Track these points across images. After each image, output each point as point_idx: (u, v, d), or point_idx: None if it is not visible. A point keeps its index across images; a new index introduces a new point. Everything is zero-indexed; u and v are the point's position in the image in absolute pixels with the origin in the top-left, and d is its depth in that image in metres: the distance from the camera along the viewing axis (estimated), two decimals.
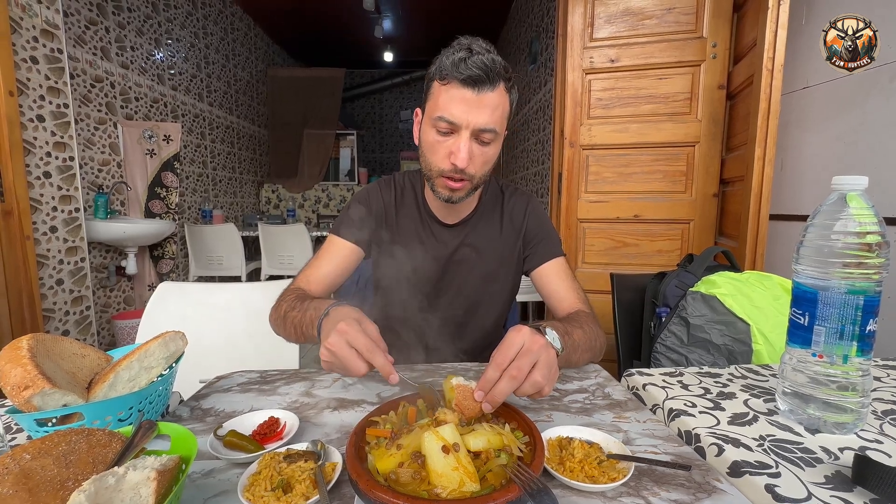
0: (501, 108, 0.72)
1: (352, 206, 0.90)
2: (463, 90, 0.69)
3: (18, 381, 0.44)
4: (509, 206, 0.91)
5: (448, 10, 4.40)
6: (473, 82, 0.69)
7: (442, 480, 0.37)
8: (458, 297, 0.91)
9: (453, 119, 0.70)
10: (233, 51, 4.22)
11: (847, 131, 1.32)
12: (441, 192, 0.78)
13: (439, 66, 0.72)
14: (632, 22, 1.72)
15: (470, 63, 0.68)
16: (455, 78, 0.69)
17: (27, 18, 1.84)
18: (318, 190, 5.09)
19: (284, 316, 0.73)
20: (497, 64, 0.69)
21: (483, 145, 0.73)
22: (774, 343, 0.86)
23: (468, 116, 0.70)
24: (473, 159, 0.73)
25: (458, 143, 0.71)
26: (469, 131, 0.71)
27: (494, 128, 0.72)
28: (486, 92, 0.69)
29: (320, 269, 0.85)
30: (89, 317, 2.20)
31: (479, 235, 0.89)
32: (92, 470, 0.34)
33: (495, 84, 0.70)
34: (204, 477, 0.46)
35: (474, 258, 0.89)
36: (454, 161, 0.72)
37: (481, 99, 0.69)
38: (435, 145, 0.75)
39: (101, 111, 2.55)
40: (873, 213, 0.48)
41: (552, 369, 0.51)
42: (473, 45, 0.70)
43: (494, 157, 0.77)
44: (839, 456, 0.47)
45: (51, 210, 1.99)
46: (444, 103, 0.71)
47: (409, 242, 0.89)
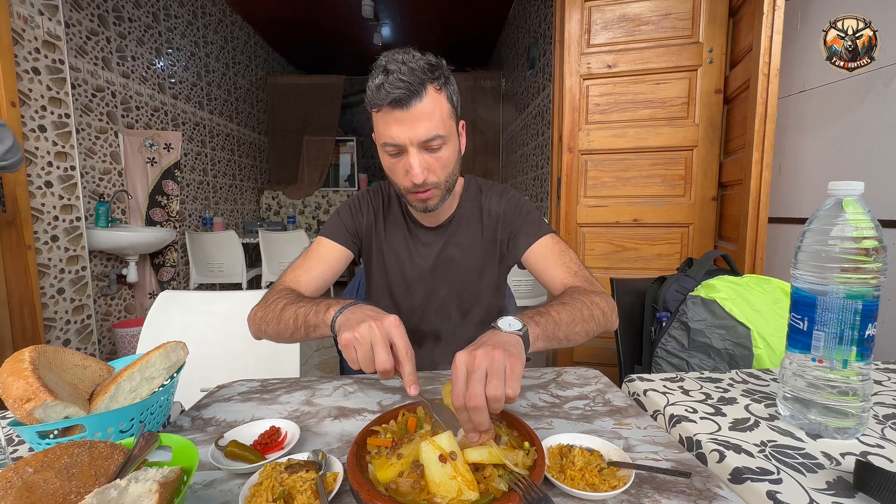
0: (439, 111, 0.72)
1: (342, 212, 0.91)
2: (393, 112, 0.70)
3: (20, 394, 0.44)
4: (487, 201, 0.91)
5: (446, 17, 4.43)
6: (399, 102, 0.69)
7: (440, 489, 0.37)
8: (448, 298, 0.92)
9: (395, 141, 0.72)
10: (233, 59, 4.25)
11: (843, 134, 1.32)
12: (415, 205, 0.80)
13: (367, 96, 0.73)
14: (628, 28, 1.73)
15: (388, 86, 0.68)
16: (382, 103, 0.70)
17: (29, 30, 1.86)
18: (318, 196, 5.10)
19: (282, 310, 0.71)
20: (417, 72, 0.69)
21: (434, 152, 0.74)
22: (775, 347, 0.86)
23: (408, 134, 0.70)
24: (431, 168, 0.74)
25: (409, 160, 0.72)
26: (414, 147, 0.72)
27: (437, 133, 0.72)
28: (416, 105, 0.69)
29: (311, 270, 0.84)
30: (90, 325, 2.20)
31: (462, 234, 0.90)
32: (94, 483, 0.34)
33: (422, 93, 0.69)
34: (205, 488, 0.46)
35: (459, 257, 0.90)
36: (412, 178, 0.73)
37: (413, 113, 0.69)
38: (392, 168, 0.77)
39: (102, 120, 2.56)
40: (870, 219, 0.49)
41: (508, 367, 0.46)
42: (389, 65, 0.69)
43: (453, 157, 0.78)
44: (841, 461, 0.47)
45: (52, 219, 1.99)
46: (383, 129, 0.72)
47: (397, 249, 0.91)
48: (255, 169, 4.79)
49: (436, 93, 0.71)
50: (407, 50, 0.72)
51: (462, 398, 0.44)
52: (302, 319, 0.66)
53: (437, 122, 0.71)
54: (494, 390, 0.44)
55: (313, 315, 0.64)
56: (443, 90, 0.73)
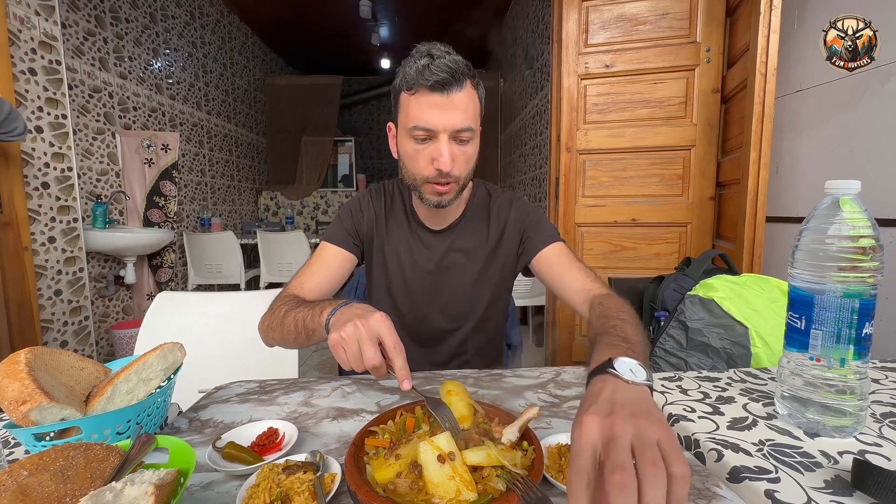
0: (473, 106, 0.73)
1: (343, 214, 0.90)
2: (432, 96, 0.70)
3: (16, 396, 0.44)
4: (495, 206, 0.90)
5: (443, 17, 4.43)
6: (441, 86, 0.69)
7: (438, 490, 0.37)
8: (450, 303, 0.90)
9: (429, 125, 0.71)
10: (231, 59, 4.24)
11: (841, 134, 1.33)
12: (430, 198, 0.78)
13: (404, 76, 0.72)
14: (626, 28, 1.74)
15: (434, 68, 0.68)
16: (422, 85, 0.69)
17: (25, 31, 1.85)
18: (316, 197, 5.10)
19: (284, 316, 0.71)
20: (460, 63, 0.70)
21: (462, 144, 0.74)
22: (773, 346, 0.86)
23: (443, 120, 0.70)
24: (456, 160, 0.74)
25: (439, 147, 0.72)
26: (447, 134, 0.71)
27: (471, 126, 0.72)
28: (455, 93, 0.70)
29: (314, 276, 0.84)
30: (88, 327, 2.19)
31: (467, 239, 0.89)
32: (90, 485, 0.34)
33: (462, 84, 0.70)
34: (203, 490, 0.46)
35: (463, 262, 0.89)
36: (438, 166, 0.72)
37: (452, 101, 0.70)
38: (415, 154, 0.75)
39: (99, 121, 2.55)
40: (866, 217, 0.49)
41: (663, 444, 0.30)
42: (433, 51, 0.70)
43: (475, 155, 0.78)
44: (838, 460, 0.47)
45: (49, 220, 1.99)
46: (416, 112, 0.71)
47: (399, 250, 0.89)
48: (253, 169, 4.78)
49: (472, 88, 0.73)
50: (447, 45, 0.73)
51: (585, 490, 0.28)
52: (301, 325, 0.66)
53: (471, 115, 0.72)
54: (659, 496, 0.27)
55: (310, 319, 0.64)
56: (476, 89, 0.74)
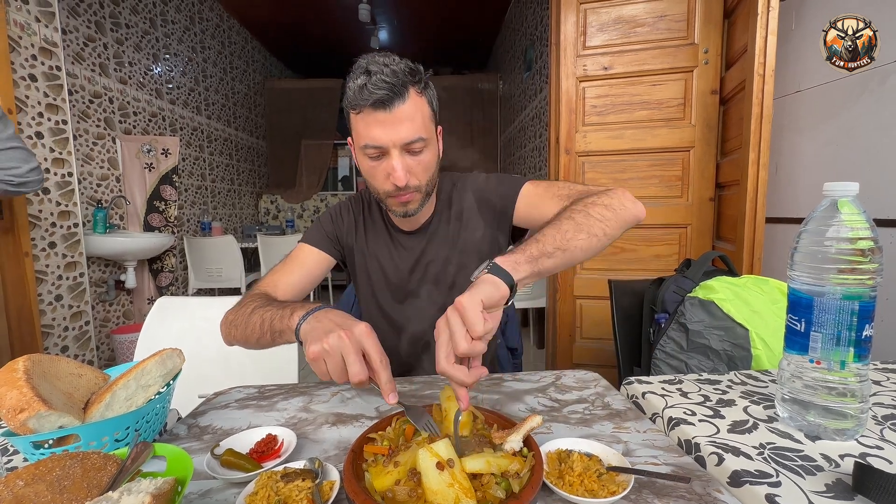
0: (421, 114, 0.72)
1: (324, 218, 0.92)
2: (375, 113, 0.69)
3: (14, 404, 0.43)
4: (458, 194, 0.90)
5: (442, 20, 4.44)
6: (382, 103, 0.68)
7: (437, 497, 0.37)
8: (433, 301, 0.89)
9: (377, 143, 0.71)
10: (230, 64, 4.26)
11: (839, 134, 1.33)
12: (395, 209, 0.78)
13: (347, 97, 0.72)
14: (624, 30, 1.74)
15: (371, 87, 0.67)
16: (364, 104, 0.69)
17: (26, 37, 1.86)
18: (316, 200, 5.10)
19: (251, 314, 0.70)
20: (399, 74, 0.68)
21: (416, 155, 0.73)
22: (774, 347, 0.86)
23: (390, 136, 0.70)
24: (412, 171, 0.74)
25: (391, 162, 0.72)
26: (397, 149, 0.71)
27: (420, 136, 0.71)
28: (398, 106, 0.69)
29: (290, 275, 0.84)
30: (88, 332, 2.19)
31: (442, 233, 0.89)
32: (86, 495, 0.33)
33: (404, 95, 0.69)
34: (201, 497, 0.45)
35: (442, 256, 0.88)
36: (393, 181, 0.72)
37: (395, 115, 0.69)
38: (371, 171, 0.75)
39: (99, 126, 2.56)
40: (865, 219, 0.49)
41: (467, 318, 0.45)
42: (370, 66, 0.69)
43: (433, 161, 0.77)
44: (840, 463, 0.46)
45: (49, 226, 1.99)
46: (364, 130, 0.71)
47: (378, 255, 0.90)
48: (253, 173, 4.79)
49: (417, 96, 0.71)
50: (386, 53, 0.71)
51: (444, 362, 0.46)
52: (268, 325, 0.65)
53: (419, 124, 0.71)
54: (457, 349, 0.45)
55: (278, 320, 0.62)
56: (423, 94, 0.73)
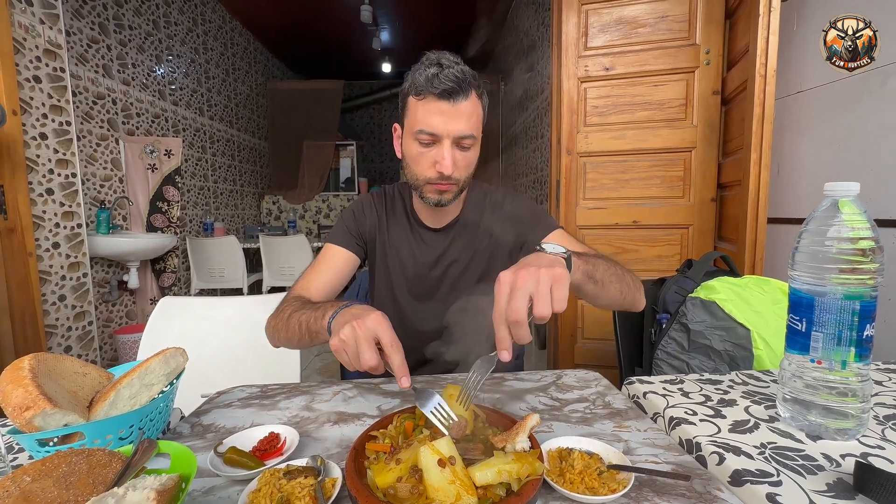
0: (476, 114, 0.77)
1: (346, 216, 0.93)
2: (439, 103, 0.74)
3: (20, 402, 0.44)
4: (490, 202, 0.94)
5: (444, 20, 4.45)
6: (448, 94, 0.73)
7: (439, 494, 0.37)
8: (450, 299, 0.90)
9: (434, 130, 0.75)
10: (233, 65, 4.27)
11: (841, 134, 1.33)
12: (430, 196, 0.81)
13: (413, 82, 0.76)
14: (625, 30, 1.74)
15: (442, 77, 0.72)
16: (430, 92, 0.73)
17: (30, 38, 1.87)
18: (318, 200, 5.11)
19: (289, 318, 0.74)
20: (467, 74, 0.74)
21: (464, 150, 0.78)
22: (775, 348, 0.86)
23: (447, 126, 0.74)
24: (457, 164, 0.77)
25: (441, 151, 0.76)
26: (450, 140, 0.75)
27: (472, 133, 0.76)
28: (461, 102, 0.74)
29: (319, 277, 0.87)
30: (92, 332, 2.20)
31: (467, 235, 0.92)
32: (92, 491, 0.34)
33: (468, 93, 0.74)
34: (204, 495, 0.46)
35: (465, 258, 0.91)
36: (440, 169, 0.76)
37: (457, 108, 0.74)
38: (419, 157, 0.79)
39: (102, 128, 2.57)
40: (865, 219, 0.49)
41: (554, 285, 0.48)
42: (442, 60, 0.74)
43: (474, 161, 0.82)
44: (841, 463, 0.46)
45: (53, 227, 2.00)
46: (423, 117, 0.75)
47: (400, 249, 0.92)
48: (255, 174, 4.80)
49: (476, 98, 0.77)
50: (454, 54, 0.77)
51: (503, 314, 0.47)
52: (304, 327, 0.69)
53: (473, 122, 0.76)
54: (542, 309, 0.47)
55: (313, 322, 0.66)
56: (481, 99, 0.79)
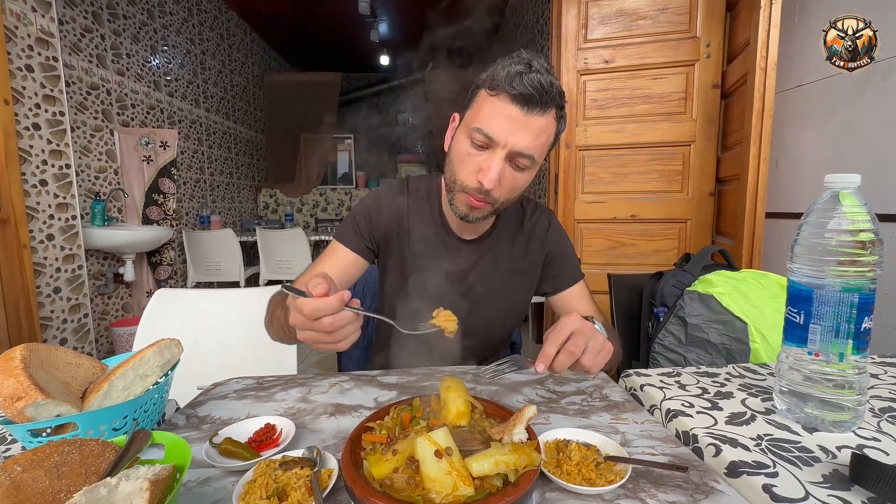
0: (546, 136, 0.67)
1: (358, 213, 0.83)
2: (511, 106, 0.64)
3: (11, 393, 0.43)
4: (531, 222, 0.86)
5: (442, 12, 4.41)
6: (525, 101, 0.63)
7: (435, 485, 0.37)
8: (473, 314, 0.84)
9: (492, 134, 0.65)
10: (229, 56, 4.23)
11: (841, 129, 1.32)
12: (459, 207, 0.72)
13: (492, 75, 0.66)
14: (625, 23, 1.73)
15: (526, 80, 0.62)
16: (506, 91, 0.64)
17: (22, 27, 1.84)
18: (315, 194, 5.09)
19: (272, 320, 0.71)
20: (554, 88, 0.64)
21: (516, 170, 0.68)
22: (772, 341, 0.86)
23: (508, 136, 0.64)
24: (502, 182, 0.67)
25: (491, 161, 0.66)
26: (505, 151, 0.65)
27: (533, 154, 0.66)
28: (536, 115, 0.64)
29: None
30: (87, 324, 2.19)
31: (499, 254, 0.84)
32: (84, 481, 0.33)
33: (547, 108, 0.64)
34: (199, 485, 0.45)
35: (493, 277, 0.84)
36: (481, 179, 0.66)
37: (528, 120, 0.64)
38: (465, 157, 0.69)
39: (97, 118, 2.54)
40: (866, 211, 0.48)
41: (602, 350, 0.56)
42: (533, 62, 0.64)
43: (524, 185, 0.71)
44: (837, 455, 0.46)
45: (47, 218, 1.98)
46: (487, 115, 0.66)
47: (421, 256, 0.82)
48: (252, 167, 4.77)
49: (554, 119, 0.67)
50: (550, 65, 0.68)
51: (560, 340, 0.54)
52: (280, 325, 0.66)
53: (540, 143, 0.66)
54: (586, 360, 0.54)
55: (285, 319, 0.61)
56: (558, 122, 0.69)
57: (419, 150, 6.40)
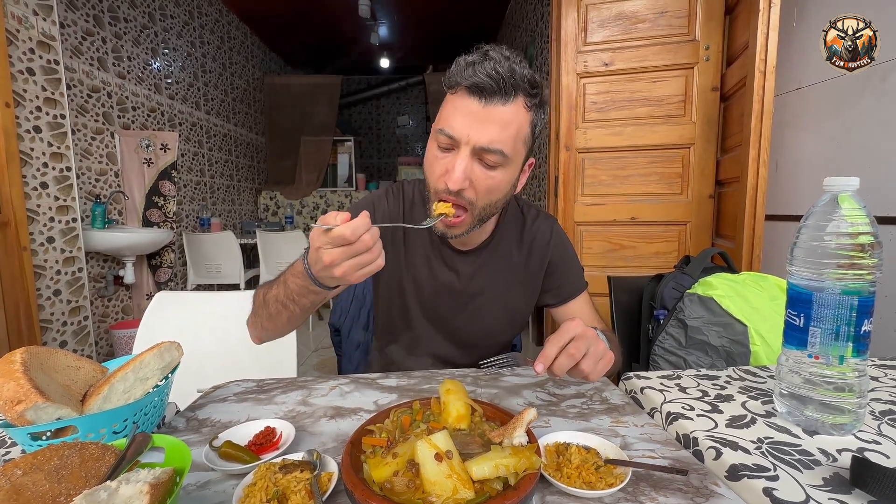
0: (516, 127, 0.61)
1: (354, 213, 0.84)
2: (469, 100, 0.60)
3: (11, 396, 0.43)
4: (531, 231, 0.82)
5: (443, 16, 4.42)
6: (481, 91, 0.59)
7: (435, 488, 0.37)
8: (472, 326, 0.82)
9: (452, 132, 0.61)
10: (230, 59, 4.24)
11: (840, 131, 1.33)
12: (437, 227, 0.67)
13: (448, 71, 0.63)
14: (625, 26, 1.73)
15: (480, 69, 0.58)
16: (462, 85, 0.60)
17: (23, 30, 1.85)
18: (316, 196, 5.09)
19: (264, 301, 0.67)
20: (516, 74, 0.59)
21: (488, 168, 0.63)
22: (772, 344, 0.86)
23: (469, 131, 0.60)
24: (475, 184, 0.63)
25: (455, 160, 0.61)
26: (469, 148, 0.61)
27: (501, 149, 0.60)
28: (497, 105, 0.59)
29: None
30: (87, 327, 2.19)
31: (499, 266, 0.80)
32: (84, 484, 0.33)
33: (508, 96, 0.59)
34: (199, 489, 0.45)
35: (493, 290, 0.80)
36: (446, 180, 0.62)
37: (489, 112, 0.59)
38: (433, 162, 0.65)
39: (98, 121, 2.55)
40: (865, 214, 0.48)
41: (603, 358, 0.55)
42: (491, 51, 0.60)
43: (503, 186, 0.65)
44: (837, 458, 0.46)
45: (48, 220, 1.98)
46: (447, 114, 0.62)
47: (417, 267, 0.79)
48: (252, 169, 4.78)
49: (524, 108, 0.62)
50: (519, 54, 0.63)
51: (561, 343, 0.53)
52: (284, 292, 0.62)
53: (508, 136, 0.60)
54: (586, 366, 0.54)
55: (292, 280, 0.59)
56: (531, 111, 0.63)
57: (419, 153, 6.42)
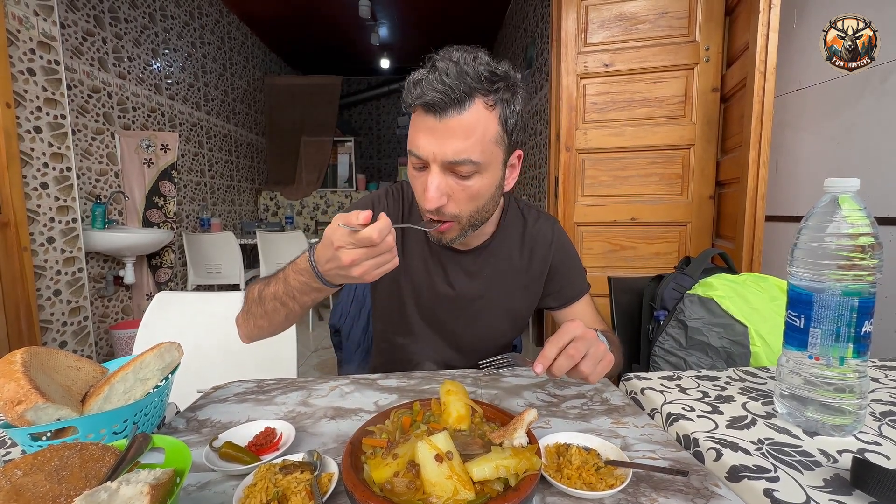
0: (481, 131, 0.58)
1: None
2: (425, 117, 0.58)
3: (11, 396, 0.43)
4: (532, 232, 0.81)
5: (443, 16, 4.43)
6: (433, 107, 0.57)
7: (436, 489, 0.37)
8: (471, 328, 0.82)
9: (419, 153, 0.60)
10: (230, 60, 4.24)
11: (840, 132, 1.33)
12: (432, 235, 0.68)
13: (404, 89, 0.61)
14: (625, 27, 1.73)
15: (426, 84, 0.56)
16: (414, 103, 0.59)
17: (24, 30, 1.85)
18: (316, 197, 5.09)
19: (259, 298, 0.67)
20: (466, 77, 0.56)
21: (463, 179, 0.61)
22: (772, 345, 0.86)
23: (432, 148, 0.58)
24: (453, 196, 0.62)
25: (427, 179, 0.61)
26: (437, 165, 0.60)
27: (468, 157, 0.58)
28: (453, 116, 0.57)
29: None
30: (87, 327, 2.19)
31: (499, 268, 0.79)
32: (84, 485, 0.33)
33: (464, 103, 0.57)
34: (199, 489, 0.45)
35: (492, 292, 0.79)
36: (420, 201, 0.63)
37: (447, 125, 0.57)
38: (413, 181, 0.65)
39: (98, 121, 2.55)
40: (865, 215, 0.48)
41: (603, 360, 0.55)
42: (438, 62, 0.58)
43: (486, 190, 0.64)
44: (838, 459, 0.46)
45: (48, 221, 1.98)
46: (412, 134, 0.61)
47: (415, 270, 0.79)
48: (252, 170, 4.78)
49: (485, 108, 0.59)
50: (473, 49, 0.59)
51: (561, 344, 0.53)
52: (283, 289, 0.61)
53: (473, 142, 0.58)
54: (585, 367, 0.54)
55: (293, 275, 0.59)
56: (496, 108, 0.60)
57: None
